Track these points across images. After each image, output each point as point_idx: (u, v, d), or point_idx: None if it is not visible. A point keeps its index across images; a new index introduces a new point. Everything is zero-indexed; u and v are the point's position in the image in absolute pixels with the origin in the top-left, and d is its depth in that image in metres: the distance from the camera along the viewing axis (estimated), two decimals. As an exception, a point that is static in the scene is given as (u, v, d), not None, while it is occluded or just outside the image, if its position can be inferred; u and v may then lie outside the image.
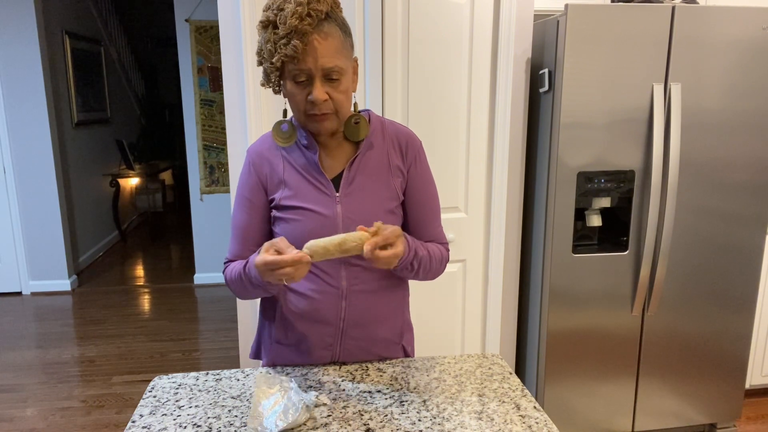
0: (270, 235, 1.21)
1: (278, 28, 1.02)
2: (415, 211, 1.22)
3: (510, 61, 2.14)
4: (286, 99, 1.11)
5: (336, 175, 1.17)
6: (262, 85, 1.14)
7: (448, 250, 1.26)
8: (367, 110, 1.23)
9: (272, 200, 1.18)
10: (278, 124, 1.15)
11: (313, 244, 1.00)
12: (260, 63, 1.10)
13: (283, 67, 1.07)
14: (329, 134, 1.16)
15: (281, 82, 1.10)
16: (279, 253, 0.99)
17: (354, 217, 1.15)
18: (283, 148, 1.19)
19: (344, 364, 1.24)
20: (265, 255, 0.99)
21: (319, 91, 1.05)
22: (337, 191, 1.15)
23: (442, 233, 1.27)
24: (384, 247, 1.02)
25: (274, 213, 1.17)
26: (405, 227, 1.25)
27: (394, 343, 1.27)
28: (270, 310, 1.26)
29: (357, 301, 1.18)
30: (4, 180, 4.23)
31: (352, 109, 1.17)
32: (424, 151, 1.24)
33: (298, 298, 1.19)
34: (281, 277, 0.98)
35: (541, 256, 2.21)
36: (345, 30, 1.09)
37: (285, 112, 1.17)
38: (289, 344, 1.23)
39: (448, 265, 2.22)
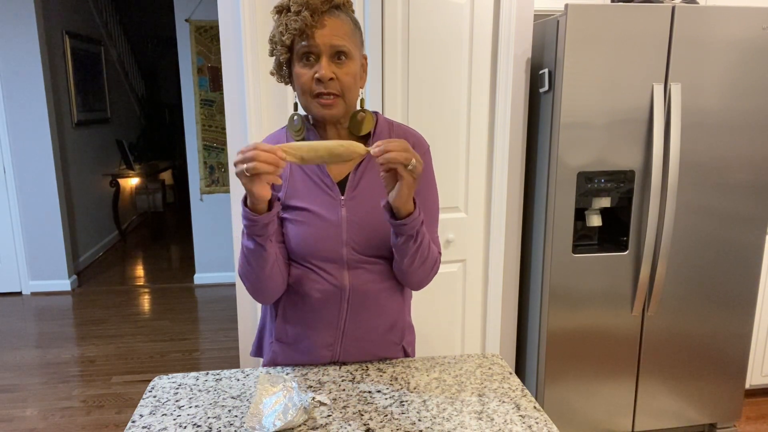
0: (282, 233, 1.20)
1: (290, 10, 1.05)
2: None
3: (510, 61, 2.14)
4: (296, 91, 1.12)
5: (342, 178, 1.17)
6: (272, 74, 1.14)
7: (440, 261, 1.23)
8: (376, 111, 1.22)
9: (278, 198, 1.18)
10: (291, 117, 1.17)
11: (299, 143, 0.96)
12: (272, 52, 1.11)
13: (293, 49, 1.08)
14: (333, 124, 1.15)
15: (290, 69, 1.11)
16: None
17: (358, 220, 1.14)
18: None
19: (344, 364, 1.24)
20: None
21: (326, 68, 1.05)
22: (343, 194, 1.15)
23: (438, 241, 1.24)
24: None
25: (281, 213, 1.17)
26: None
27: (395, 344, 1.27)
28: (272, 308, 1.26)
29: (359, 303, 1.18)
30: (4, 180, 4.23)
31: (358, 105, 1.16)
32: (430, 156, 1.22)
33: (300, 298, 1.18)
34: (250, 165, 0.93)
35: (541, 256, 2.21)
36: (356, 24, 1.11)
37: (296, 105, 1.16)
38: (290, 343, 1.23)
39: (448, 265, 2.23)
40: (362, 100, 1.17)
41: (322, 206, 1.14)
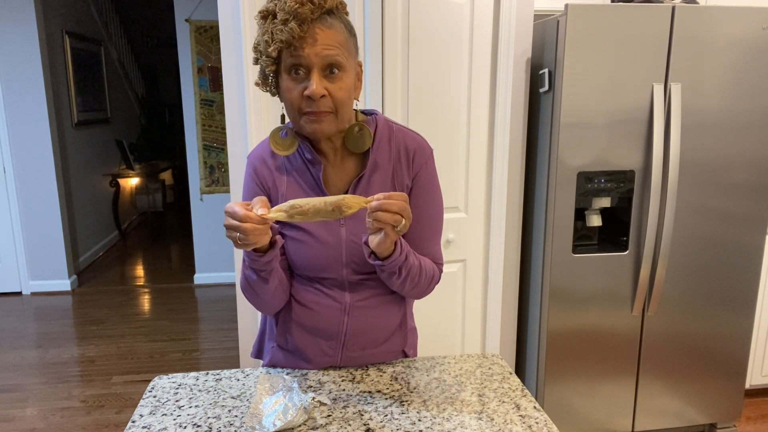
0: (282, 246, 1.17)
1: (277, 17, 0.95)
2: (413, 225, 1.12)
3: (510, 61, 2.14)
4: (283, 104, 1.04)
5: (340, 194, 1.12)
6: (257, 84, 1.05)
7: (441, 271, 1.19)
8: (375, 112, 1.15)
9: (279, 232, 1.13)
10: (276, 131, 1.08)
11: (297, 203, 0.92)
12: (256, 60, 1.02)
13: (280, 60, 0.99)
14: (326, 139, 1.08)
15: (277, 80, 1.02)
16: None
17: (358, 241, 1.10)
18: (287, 160, 1.13)
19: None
20: (234, 204, 0.92)
21: (317, 84, 0.96)
22: None
23: (439, 252, 1.19)
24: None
25: (279, 228, 1.13)
26: None
27: (395, 352, 1.25)
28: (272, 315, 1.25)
29: (360, 316, 1.16)
30: (4, 180, 4.23)
31: (355, 108, 1.10)
32: (433, 163, 1.15)
33: (301, 309, 1.17)
34: (236, 233, 0.91)
35: (541, 256, 2.21)
36: (350, 30, 1.03)
37: (283, 117, 1.08)
38: (290, 350, 1.22)
39: (448, 265, 2.23)
40: (358, 112, 1.10)
41: (321, 226, 1.10)
